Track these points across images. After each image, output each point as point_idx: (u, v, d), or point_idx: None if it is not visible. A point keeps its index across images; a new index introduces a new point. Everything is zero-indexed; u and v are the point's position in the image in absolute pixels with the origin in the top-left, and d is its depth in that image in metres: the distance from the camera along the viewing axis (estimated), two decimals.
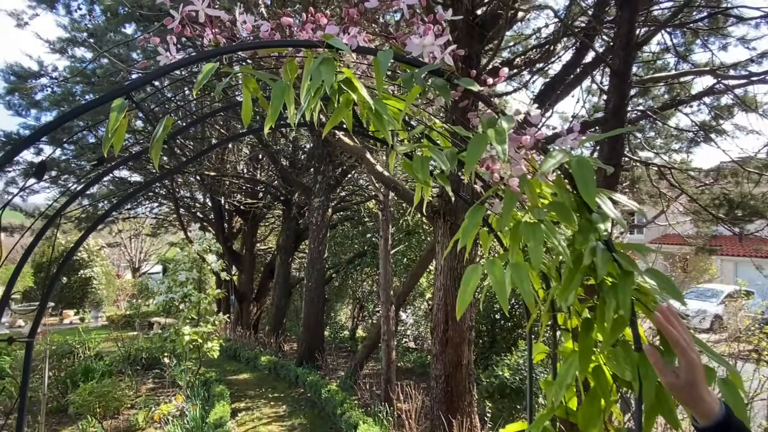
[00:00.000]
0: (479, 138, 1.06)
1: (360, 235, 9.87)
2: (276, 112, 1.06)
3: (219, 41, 1.09)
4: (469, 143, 1.08)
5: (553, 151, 1.09)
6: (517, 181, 1.02)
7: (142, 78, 0.93)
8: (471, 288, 1.01)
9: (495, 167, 1.11)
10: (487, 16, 4.47)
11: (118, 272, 27.47)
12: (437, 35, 1.06)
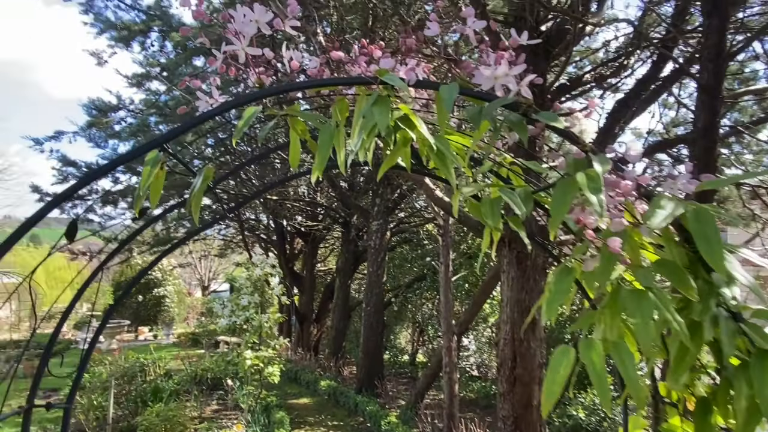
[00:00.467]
0: (567, 184, 0.88)
1: (419, 258, 9.67)
2: (324, 160, 0.93)
3: (263, 82, 0.98)
4: (554, 190, 0.90)
5: (661, 199, 0.88)
6: (616, 240, 0.82)
7: (176, 128, 0.83)
8: (560, 377, 0.81)
9: (589, 221, 0.92)
10: (552, 31, 4.23)
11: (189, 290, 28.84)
12: (512, 63, 0.89)
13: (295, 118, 1.04)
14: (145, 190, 0.86)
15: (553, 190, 0.89)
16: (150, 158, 0.86)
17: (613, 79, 4.81)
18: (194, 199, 0.98)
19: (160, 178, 0.94)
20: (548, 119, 0.92)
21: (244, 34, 0.90)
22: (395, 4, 5.69)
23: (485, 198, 1.13)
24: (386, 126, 0.83)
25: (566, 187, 0.87)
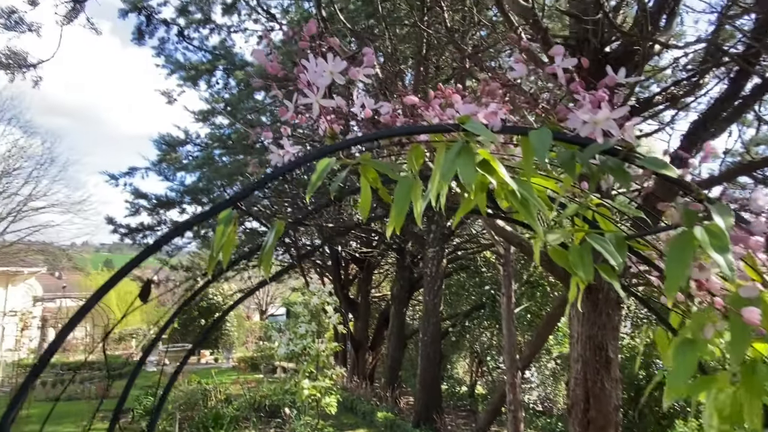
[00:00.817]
0: (684, 242, 0.76)
1: (477, 286, 9.40)
2: (401, 214, 0.86)
3: (335, 131, 0.93)
4: (669, 249, 0.78)
5: None
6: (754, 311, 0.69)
7: (249, 186, 0.80)
8: None
9: (713, 285, 0.79)
10: (619, 53, 4.04)
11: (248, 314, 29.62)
12: (612, 105, 0.80)
13: (366, 166, 0.99)
14: (218, 250, 0.83)
15: (668, 250, 0.77)
16: (223, 217, 0.83)
17: (686, 99, 4.51)
18: (266, 255, 0.94)
19: (232, 235, 0.91)
20: (655, 165, 0.81)
21: (318, 86, 0.86)
22: (450, 32, 5.67)
23: (573, 246, 1.02)
24: (473, 180, 0.76)
25: (684, 246, 0.75)
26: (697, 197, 0.82)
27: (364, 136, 0.86)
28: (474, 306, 9.45)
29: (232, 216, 0.83)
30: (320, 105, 0.87)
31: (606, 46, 4.11)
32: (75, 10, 2.95)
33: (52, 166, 15.92)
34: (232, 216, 0.83)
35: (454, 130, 0.82)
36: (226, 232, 0.82)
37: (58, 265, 23.46)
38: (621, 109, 0.78)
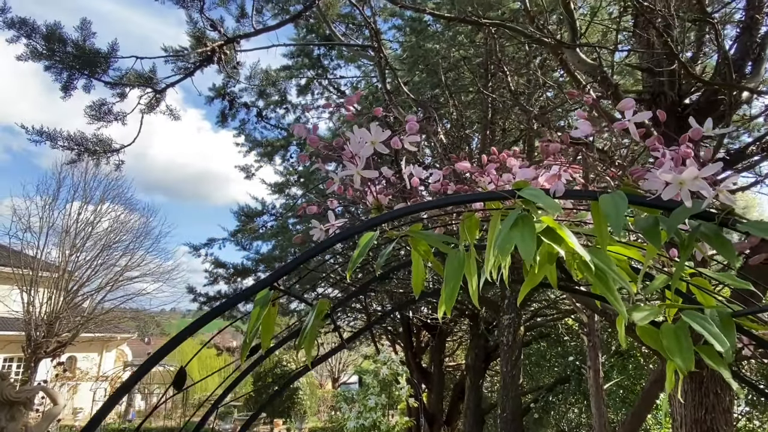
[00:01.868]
0: None
1: (559, 357, 8.68)
2: (454, 292, 0.76)
3: (381, 202, 0.87)
4: None
5: None
6: None
7: (287, 265, 0.74)
8: None
9: None
10: (700, 104, 3.78)
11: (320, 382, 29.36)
12: (699, 161, 0.67)
13: (416, 238, 0.91)
14: (252, 335, 0.77)
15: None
16: (259, 298, 0.77)
17: None
18: (308, 336, 0.87)
19: (272, 315, 0.85)
20: (762, 231, 0.66)
21: (360, 156, 0.82)
22: (515, 96, 5.65)
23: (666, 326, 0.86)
24: (532, 254, 0.65)
25: None
26: None
27: (412, 207, 0.78)
28: (558, 379, 8.68)
29: (269, 297, 0.78)
30: (362, 176, 0.82)
31: (685, 98, 3.88)
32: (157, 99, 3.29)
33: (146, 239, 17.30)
34: (269, 297, 0.78)
35: (510, 197, 0.73)
36: (262, 314, 0.76)
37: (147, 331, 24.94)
38: (712, 165, 0.65)
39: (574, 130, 0.76)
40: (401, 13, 7.03)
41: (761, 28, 3.80)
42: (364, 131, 0.80)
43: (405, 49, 8.33)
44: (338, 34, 6.61)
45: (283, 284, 0.82)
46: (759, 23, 3.73)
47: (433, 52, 7.15)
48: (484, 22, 3.35)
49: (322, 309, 0.87)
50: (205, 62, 3.07)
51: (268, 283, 0.75)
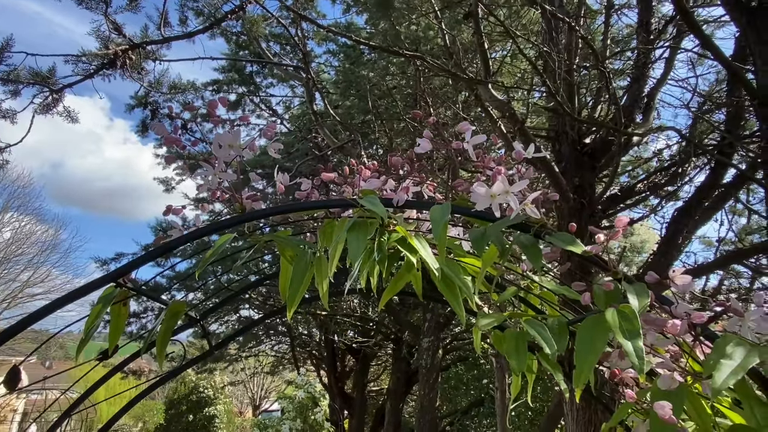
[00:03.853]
0: (594, 325, 0.69)
1: (475, 380, 8.92)
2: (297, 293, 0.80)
3: (243, 206, 0.90)
4: (579, 333, 0.71)
5: (725, 344, 0.66)
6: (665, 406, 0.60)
7: (133, 262, 0.75)
8: None
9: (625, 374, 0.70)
10: (597, 143, 4.16)
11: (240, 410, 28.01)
12: (511, 180, 0.77)
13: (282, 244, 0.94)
14: (90, 333, 0.76)
15: (578, 332, 0.70)
16: (104, 296, 0.77)
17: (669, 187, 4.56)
18: (160, 340, 0.86)
19: (122, 316, 0.84)
20: (564, 243, 0.76)
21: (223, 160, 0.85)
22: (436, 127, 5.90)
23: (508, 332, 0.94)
24: (359, 254, 0.71)
25: (594, 329, 0.68)
26: (614, 276, 0.76)
27: (256, 213, 0.82)
28: (473, 402, 8.89)
29: (114, 295, 0.77)
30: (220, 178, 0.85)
31: (584, 138, 4.25)
32: (54, 100, 3.12)
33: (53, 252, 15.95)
34: (114, 295, 0.77)
35: (353, 204, 0.79)
36: (102, 312, 0.75)
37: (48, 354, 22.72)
38: (520, 183, 0.75)
39: (417, 147, 0.84)
40: (335, 39, 7.18)
41: (648, 80, 4.28)
42: (222, 135, 0.83)
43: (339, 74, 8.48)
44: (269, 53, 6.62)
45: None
46: (646, 76, 4.19)
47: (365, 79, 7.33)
48: (404, 53, 3.52)
49: (176, 310, 0.87)
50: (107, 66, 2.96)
51: (113, 278, 0.75)
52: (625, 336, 0.63)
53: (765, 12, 2.68)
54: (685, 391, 0.65)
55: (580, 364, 0.65)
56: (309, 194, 0.94)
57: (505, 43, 6.59)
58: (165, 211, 0.95)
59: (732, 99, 3.78)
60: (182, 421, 18.24)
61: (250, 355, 16.22)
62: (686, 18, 2.59)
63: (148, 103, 6.13)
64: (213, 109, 0.87)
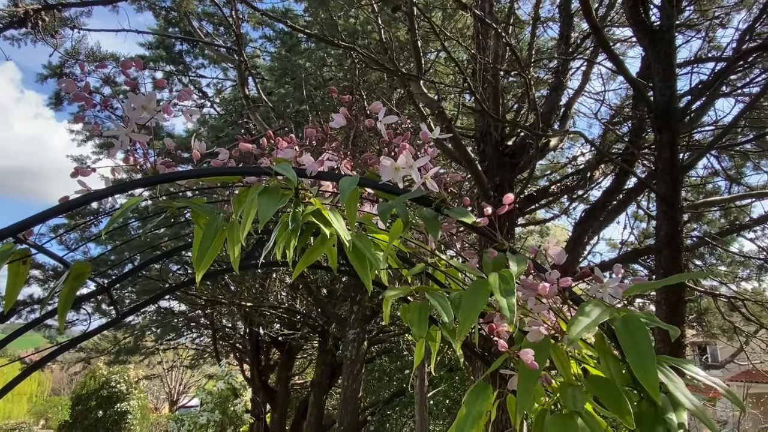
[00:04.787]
0: (478, 287, 0.77)
1: (398, 371, 9.14)
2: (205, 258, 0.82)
3: (155, 169, 0.91)
4: (465, 293, 0.79)
5: (586, 305, 0.77)
6: (529, 352, 0.70)
7: (35, 216, 0.73)
8: None
9: (501, 328, 0.80)
10: (517, 146, 4.42)
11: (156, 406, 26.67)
12: (415, 156, 0.84)
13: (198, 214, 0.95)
14: None
15: (464, 293, 0.78)
16: (1, 251, 0.75)
17: (580, 191, 4.95)
18: (62, 303, 0.85)
19: (20, 275, 0.82)
20: (458, 215, 0.84)
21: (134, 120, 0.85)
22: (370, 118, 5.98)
23: (413, 303, 1.02)
24: (269, 214, 0.74)
25: (478, 290, 0.77)
26: (500, 247, 0.86)
27: (173, 174, 0.83)
28: (395, 392, 9.11)
29: (12, 251, 0.76)
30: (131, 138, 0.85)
31: (507, 140, 4.49)
32: None
33: None
34: (12, 251, 0.76)
35: (266, 172, 0.82)
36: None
37: None
38: (423, 158, 0.82)
39: (332, 122, 0.89)
40: (271, 24, 7.04)
41: (566, 91, 4.61)
42: (139, 97, 0.83)
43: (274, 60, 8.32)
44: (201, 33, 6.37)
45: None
46: (564, 86, 4.51)
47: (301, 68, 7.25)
48: (341, 44, 3.55)
49: (80, 271, 0.86)
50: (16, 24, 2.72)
51: (13, 232, 0.74)
52: (502, 294, 0.72)
53: (662, 34, 2.99)
54: (548, 343, 0.75)
55: (462, 319, 0.73)
56: (226, 164, 0.96)
57: (438, 44, 6.79)
58: (73, 173, 0.93)
59: (636, 112, 4.17)
60: (90, 418, 17.08)
61: (169, 348, 15.50)
62: (597, 34, 2.83)
63: (64, 74, 5.70)
64: (126, 69, 0.86)
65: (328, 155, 0.95)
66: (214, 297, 10.66)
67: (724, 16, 4.81)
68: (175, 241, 4.55)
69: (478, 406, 0.74)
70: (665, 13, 3.09)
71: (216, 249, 0.83)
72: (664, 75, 2.99)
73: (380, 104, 0.91)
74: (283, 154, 0.87)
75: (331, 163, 0.94)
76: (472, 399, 0.75)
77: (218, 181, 0.92)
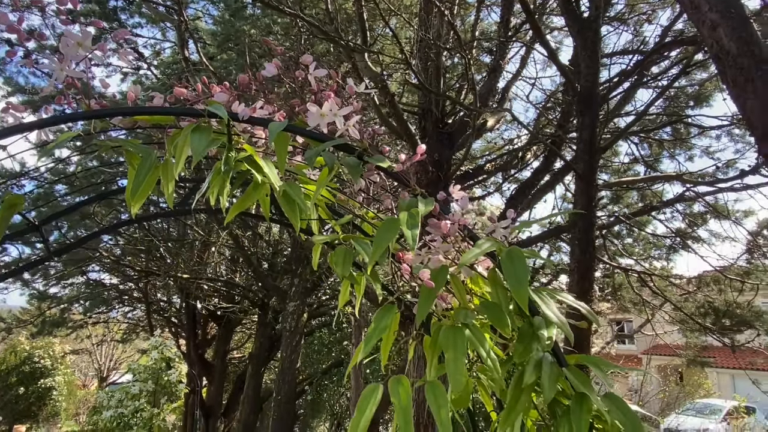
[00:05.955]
0: (389, 222, 0.89)
1: (337, 342, 9.33)
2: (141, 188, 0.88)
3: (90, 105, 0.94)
4: (377, 229, 0.90)
5: (481, 241, 0.91)
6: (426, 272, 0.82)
7: None
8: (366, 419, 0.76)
9: (406, 257, 0.92)
10: (456, 125, 4.59)
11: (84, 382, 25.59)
12: (340, 105, 0.93)
13: (132, 153, 1.00)
14: None
15: (378, 228, 0.89)
16: None
17: (513, 170, 5.22)
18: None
19: None
20: (377, 161, 0.95)
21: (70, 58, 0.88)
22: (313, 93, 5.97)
23: (339, 248, 1.12)
24: (202, 151, 0.81)
25: (389, 224, 0.88)
26: (413, 191, 0.97)
27: (107, 110, 0.88)
28: (333, 363, 9.31)
29: None
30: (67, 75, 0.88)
31: (447, 118, 4.65)
32: None
33: None
34: None
35: (202, 113, 0.89)
36: None
37: None
38: (347, 107, 0.91)
39: (264, 70, 0.96)
40: None
41: (503, 73, 4.82)
42: (74, 34, 0.86)
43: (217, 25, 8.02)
44: None
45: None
46: (501, 69, 4.72)
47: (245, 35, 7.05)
48: (286, 11, 3.52)
49: (13, 202, 0.89)
50: None
51: None
52: (408, 227, 0.84)
53: (590, 23, 3.21)
54: (445, 270, 0.88)
55: (375, 247, 0.85)
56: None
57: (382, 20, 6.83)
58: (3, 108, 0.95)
59: (565, 98, 4.45)
60: (10, 395, 16.15)
61: (98, 322, 14.85)
62: (530, 20, 3.00)
63: None
64: (62, 5, 0.89)
65: (261, 103, 1.02)
66: (148, 268, 10.33)
67: (651, 12, 5.18)
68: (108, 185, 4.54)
69: (384, 321, 0.86)
70: (593, 3, 3.31)
71: (150, 184, 0.89)
72: (590, 62, 3.22)
73: (310, 57, 0.99)
74: (217, 98, 0.93)
75: (264, 112, 1.01)
76: (380, 316, 0.87)
77: (152, 121, 0.97)
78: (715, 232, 5.80)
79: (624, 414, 0.82)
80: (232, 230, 8.90)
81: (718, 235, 5.71)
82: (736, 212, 5.48)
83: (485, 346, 0.84)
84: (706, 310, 5.32)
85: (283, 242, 10.94)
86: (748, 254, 5.63)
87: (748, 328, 5.20)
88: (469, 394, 1.11)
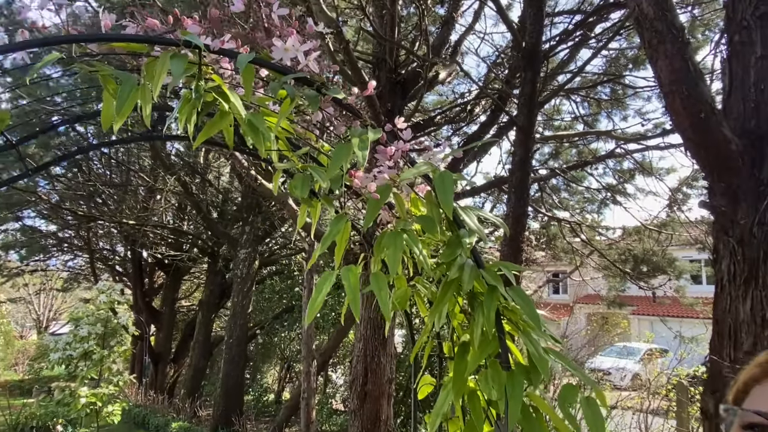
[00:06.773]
0: (343, 146, 1.05)
1: (288, 289, 9.55)
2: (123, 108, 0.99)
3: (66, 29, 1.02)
4: (332, 153, 1.06)
5: (420, 163, 1.09)
6: (372, 186, 1.00)
7: None
8: (322, 296, 0.95)
9: (357, 174, 1.10)
10: (408, 75, 4.70)
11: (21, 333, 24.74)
12: (302, 42, 1.06)
13: (108, 78, 1.09)
14: None
15: (332, 153, 1.06)
16: None
17: (462, 124, 5.44)
18: None
19: None
20: (333, 93, 1.10)
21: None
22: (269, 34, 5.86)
23: (298, 174, 1.27)
24: (179, 75, 0.93)
25: (343, 148, 1.04)
26: (363, 123, 1.13)
27: (89, 35, 0.97)
28: (284, 309, 9.56)
29: None
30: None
31: (400, 69, 4.75)
32: None
33: None
34: None
35: (172, 43, 0.99)
36: None
37: None
38: (308, 43, 1.05)
39: (232, 6, 1.07)
40: None
41: (455, 26, 4.92)
42: None
43: None
44: None
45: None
46: (454, 21, 4.82)
47: None
48: None
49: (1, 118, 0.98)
50: None
51: None
52: (359, 149, 1.00)
53: None
54: (389, 187, 1.06)
55: (331, 167, 1.01)
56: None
57: None
58: None
59: (513, 54, 4.64)
60: None
61: (36, 270, 14.30)
62: None
63: None
64: None
65: (229, 36, 1.13)
66: (91, 214, 10.00)
67: None
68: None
69: (338, 226, 1.04)
70: None
71: (130, 105, 1.00)
72: (534, 19, 3.40)
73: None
74: (190, 29, 1.03)
75: (230, 46, 1.12)
76: (335, 221, 1.05)
77: (128, 49, 1.07)
78: (641, 188, 6.35)
79: (523, 301, 1.05)
80: (180, 177, 8.72)
81: (642, 190, 6.26)
82: (660, 169, 6.01)
83: (419, 246, 1.04)
84: (627, 257, 5.92)
85: (233, 190, 10.82)
86: (668, 208, 6.22)
87: (662, 273, 5.85)
88: (407, 297, 1.33)
